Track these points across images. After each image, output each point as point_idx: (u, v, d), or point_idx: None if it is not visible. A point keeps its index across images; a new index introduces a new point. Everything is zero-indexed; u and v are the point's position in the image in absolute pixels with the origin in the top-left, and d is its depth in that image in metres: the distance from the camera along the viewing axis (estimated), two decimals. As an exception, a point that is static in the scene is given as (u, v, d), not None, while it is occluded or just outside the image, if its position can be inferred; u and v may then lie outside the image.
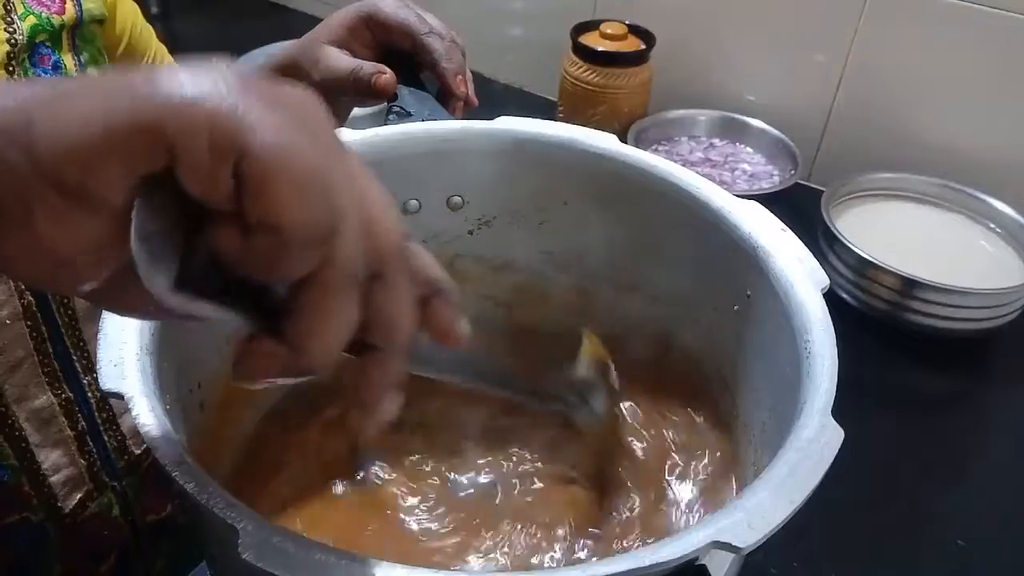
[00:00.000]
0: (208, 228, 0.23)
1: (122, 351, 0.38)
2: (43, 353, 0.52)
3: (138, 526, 0.60)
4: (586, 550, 0.49)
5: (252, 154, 0.22)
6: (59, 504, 0.55)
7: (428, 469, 0.53)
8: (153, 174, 0.23)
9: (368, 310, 0.26)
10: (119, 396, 0.37)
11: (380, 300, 0.26)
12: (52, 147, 0.22)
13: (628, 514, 0.51)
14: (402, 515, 0.50)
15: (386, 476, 0.52)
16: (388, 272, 0.26)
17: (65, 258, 0.24)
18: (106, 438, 0.56)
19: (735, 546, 0.32)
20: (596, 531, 0.50)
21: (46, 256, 0.24)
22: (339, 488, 0.52)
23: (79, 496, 0.56)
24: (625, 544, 0.50)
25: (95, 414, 0.55)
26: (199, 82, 0.22)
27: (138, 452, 0.59)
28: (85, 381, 0.54)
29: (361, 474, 0.52)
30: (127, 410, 0.55)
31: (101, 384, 0.38)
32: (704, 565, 0.33)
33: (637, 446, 0.56)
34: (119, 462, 0.58)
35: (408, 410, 0.43)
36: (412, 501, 0.51)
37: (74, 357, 0.53)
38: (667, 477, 0.54)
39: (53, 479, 0.54)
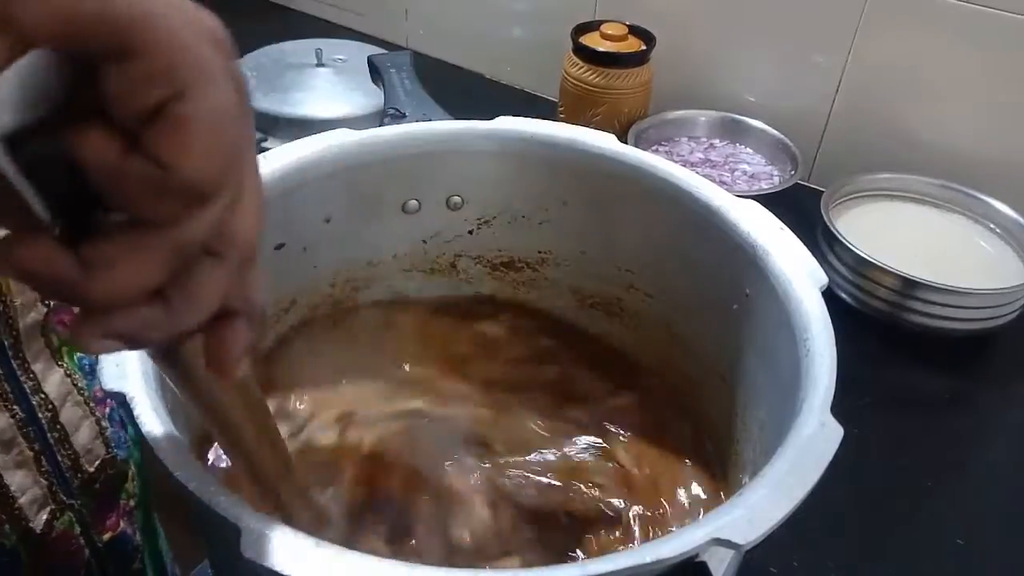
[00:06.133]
0: (80, 127, 0.22)
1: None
2: None
3: (96, 545, 0.58)
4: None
5: (193, 101, 0.22)
6: (30, 525, 0.53)
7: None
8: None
9: (185, 279, 0.25)
10: (121, 396, 0.37)
11: (203, 275, 0.26)
12: None
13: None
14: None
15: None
16: (228, 257, 0.26)
17: None
18: (59, 457, 0.54)
19: (735, 543, 0.32)
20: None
21: None
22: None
23: (45, 517, 0.54)
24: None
25: (47, 434, 0.53)
26: (201, 16, 0.24)
27: (91, 470, 0.57)
28: (34, 401, 0.52)
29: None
30: (78, 428, 0.54)
31: (103, 384, 0.38)
32: (704, 562, 0.33)
33: (636, 445, 0.56)
34: (73, 481, 0.56)
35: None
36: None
37: (21, 378, 0.51)
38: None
39: (21, 500, 0.52)
